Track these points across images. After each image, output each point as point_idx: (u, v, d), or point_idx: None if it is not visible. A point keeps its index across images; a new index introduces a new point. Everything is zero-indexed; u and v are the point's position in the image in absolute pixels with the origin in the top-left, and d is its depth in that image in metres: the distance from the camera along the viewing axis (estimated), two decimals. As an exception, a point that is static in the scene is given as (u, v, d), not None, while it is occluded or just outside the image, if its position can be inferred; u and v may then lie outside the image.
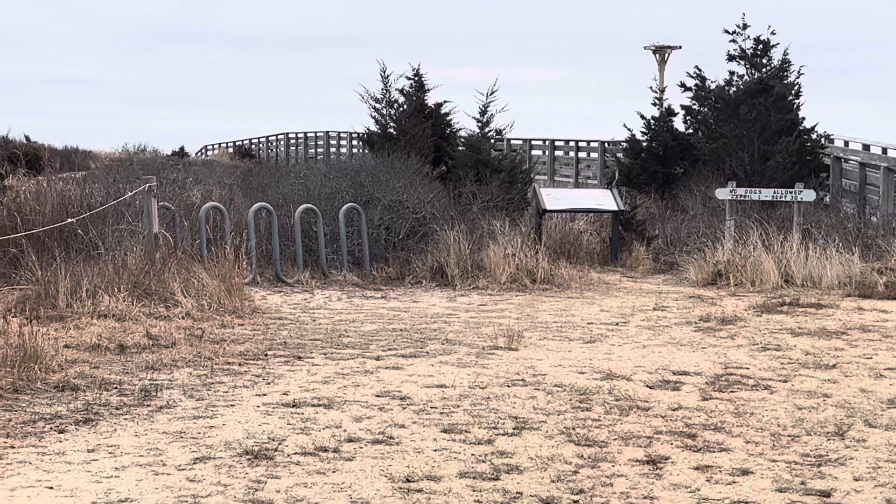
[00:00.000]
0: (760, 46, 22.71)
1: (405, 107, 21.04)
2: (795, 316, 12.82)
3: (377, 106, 20.06)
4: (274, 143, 59.80)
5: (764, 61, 22.74)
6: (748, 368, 9.75)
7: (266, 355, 10.05)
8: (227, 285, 12.36)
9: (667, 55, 43.36)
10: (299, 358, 9.94)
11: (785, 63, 22.92)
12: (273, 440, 7.09)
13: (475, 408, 8.10)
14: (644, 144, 24.27)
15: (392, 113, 20.14)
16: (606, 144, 32.72)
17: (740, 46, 22.77)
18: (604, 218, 18.73)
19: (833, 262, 15.59)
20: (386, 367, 9.57)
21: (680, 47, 44.52)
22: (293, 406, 8.05)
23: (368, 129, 20.50)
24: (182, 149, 54.75)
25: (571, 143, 37.35)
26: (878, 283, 15.00)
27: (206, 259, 13.63)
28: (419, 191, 16.06)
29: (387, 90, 20.02)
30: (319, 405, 8.09)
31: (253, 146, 62.74)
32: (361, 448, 6.96)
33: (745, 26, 22.77)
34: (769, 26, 23.39)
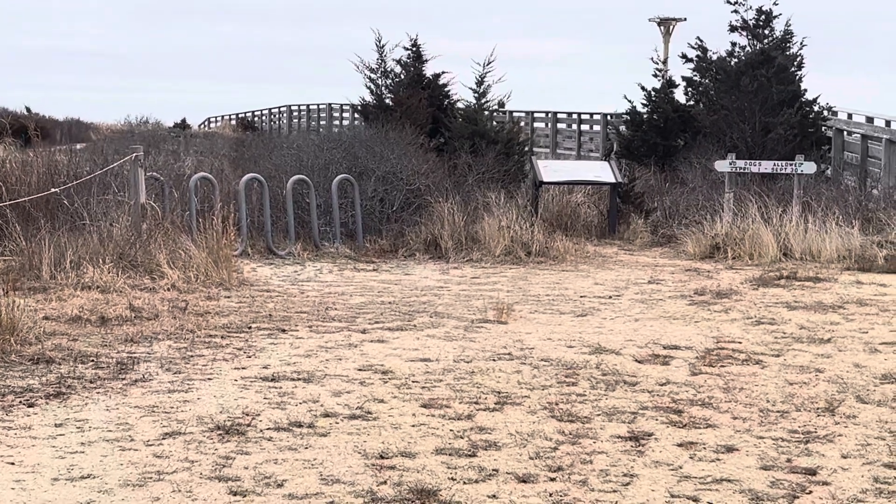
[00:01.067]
0: (763, 17, 22.42)
1: (402, 77, 20.80)
2: (792, 289, 12.62)
3: (372, 76, 19.83)
4: (277, 116, 59.55)
5: (766, 32, 22.45)
6: (740, 343, 9.56)
7: (250, 328, 9.86)
8: (214, 257, 12.16)
9: (671, 27, 43.02)
10: (283, 331, 9.76)
11: (787, 34, 22.63)
12: (247, 415, 6.92)
13: (458, 382, 7.91)
14: (645, 116, 24.02)
15: (388, 83, 19.91)
16: (609, 117, 32.48)
17: (742, 17, 22.50)
18: (602, 190, 18.53)
19: (832, 235, 15.37)
20: (371, 341, 9.38)
21: (685, 19, 44.18)
22: (272, 380, 7.87)
23: (363, 99, 20.28)
24: (184, 121, 54.51)
25: (574, 116, 37.14)
26: (877, 257, 14.79)
27: (194, 230, 13.44)
28: (413, 162, 15.84)
29: (382, 60, 19.78)
30: (299, 379, 7.91)
31: (256, 118, 62.51)
32: (337, 423, 6.78)
33: (747, -4, 22.51)
34: (771, -5, 23.06)
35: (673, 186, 19.91)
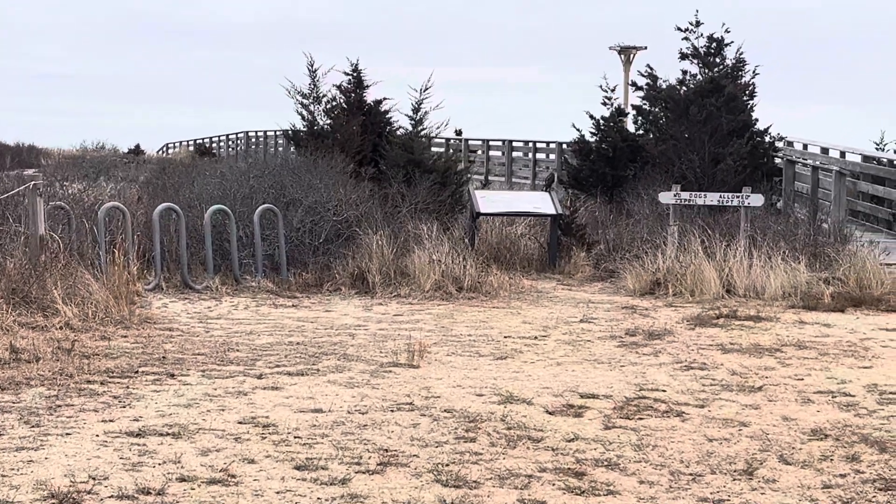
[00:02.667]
0: (714, 45, 21.86)
1: (340, 103, 20.08)
2: (730, 330, 11.96)
3: (304, 101, 19.08)
4: (234, 142, 58.77)
5: (717, 60, 21.88)
6: (664, 391, 8.87)
7: (136, 372, 9.11)
8: (114, 292, 11.40)
9: (632, 56, 42.57)
10: (172, 376, 9.01)
11: (739, 62, 22.07)
12: (93, 478, 6.15)
13: (345, 438, 7.18)
14: (593, 146, 23.37)
15: (320, 109, 19.19)
16: (564, 146, 31.88)
17: (693, 45, 21.91)
18: (544, 222, 17.86)
19: (778, 271, 14.75)
20: (265, 388, 8.64)
21: (645, 48, 43.75)
22: (137, 435, 7.11)
23: (293, 125, 19.54)
24: (137, 146, 53.61)
25: (530, 144, 36.56)
26: (824, 294, 14.16)
27: (103, 263, 12.69)
28: (341, 192, 15.11)
29: (314, 85, 19.05)
30: (168, 434, 7.16)
31: (213, 144, 61.68)
32: (192, 490, 6.03)
33: (698, 24, 21.92)
34: (723, 24, 22.53)
35: (619, 218, 19.25)
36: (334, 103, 19.32)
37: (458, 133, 44.50)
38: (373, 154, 19.35)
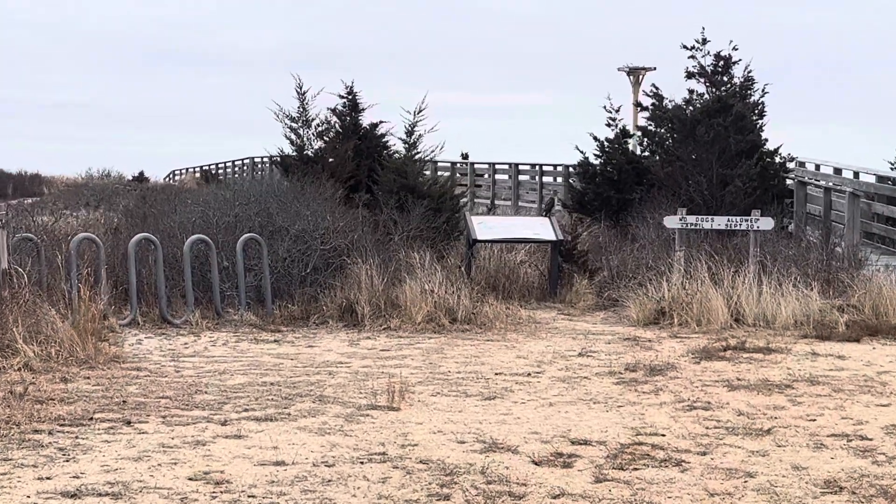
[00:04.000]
0: (721, 63, 21.13)
1: (335, 126, 19.40)
2: (738, 363, 11.21)
3: (293, 125, 18.37)
4: (239, 168, 58.15)
5: (725, 79, 21.15)
6: (663, 435, 8.12)
7: (91, 419, 8.40)
8: (80, 330, 10.70)
9: (641, 77, 41.88)
10: (129, 423, 8.29)
11: (748, 81, 21.33)
12: (8, 552, 5.44)
13: (304, 497, 6.46)
14: (598, 168, 22.63)
15: (310, 133, 18.49)
16: (571, 168, 31.14)
17: (699, 63, 21.19)
18: (545, 248, 17.13)
19: (789, 298, 13.99)
20: (227, 436, 7.92)
21: (654, 69, 43.07)
22: (72, 496, 6.40)
23: (282, 150, 18.82)
24: (141, 174, 53.03)
25: (536, 168, 35.84)
26: (838, 323, 13.40)
27: (75, 298, 11.98)
28: (328, 219, 14.40)
29: (303, 108, 18.33)
30: (107, 495, 6.44)
31: (220, 170, 61.07)
32: (118, 564, 5.31)
33: (704, 41, 21.20)
34: (731, 41, 21.79)
35: (624, 243, 18.51)
36: (325, 126, 18.61)
37: (465, 157, 43.82)
38: (368, 179, 18.64)
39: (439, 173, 41.49)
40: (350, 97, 19.89)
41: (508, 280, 16.33)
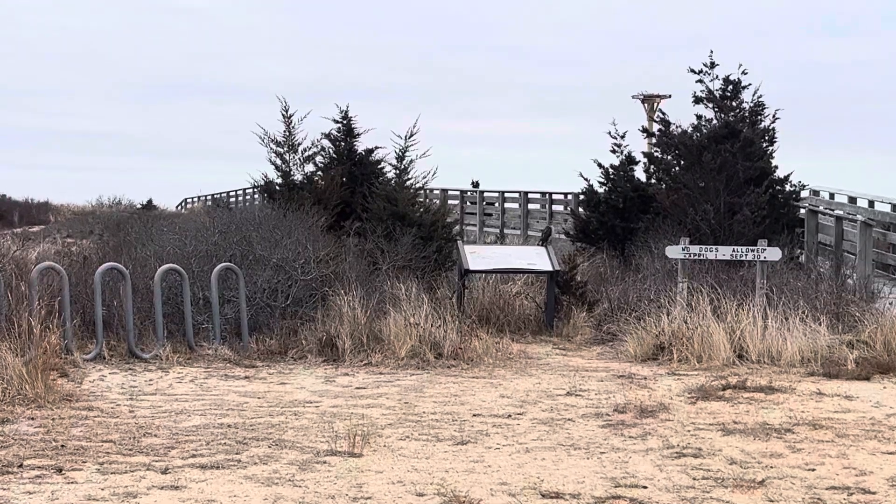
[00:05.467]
0: (730, 87, 20.39)
1: (330, 152, 18.73)
2: (737, 404, 10.43)
3: (279, 150, 17.67)
4: (250, 195, 57.59)
5: (734, 104, 20.41)
6: (645, 487, 7.37)
7: (21, 466, 7.70)
8: (30, 367, 10.00)
9: (656, 104, 41.22)
10: (60, 471, 7.59)
11: (758, 106, 20.57)
12: None
13: (228, 561, 5.72)
14: (602, 196, 21.89)
15: (297, 158, 17.81)
16: (581, 197, 30.43)
17: (707, 87, 20.44)
18: (543, 279, 16.39)
19: (796, 333, 13.20)
20: (163, 487, 7.20)
21: (669, 96, 42.41)
22: (-35, 560, 5.68)
23: (266, 175, 18.16)
24: (150, 201, 52.47)
25: (546, 196, 35.14)
26: (847, 360, 12.61)
27: (35, 333, 11.29)
28: (309, 249, 13.70)
29: (289, 132, 17.64)
30: (5, 558, 5.72)
31: (231, 198, 60.53)
32: None
33: (713, 65, 20.45)
34: (740, 65, 21.06)
35: (627, 273, 17.77)
36: (313, 151, 17.93)
37: (476, 185, 43.17)
38: (361, 207, 17.95)
39: (449, 202, 41.24)
40: (345, 122, 19.23)
41: (503, 312, 15.61)
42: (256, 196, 55.23)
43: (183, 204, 68.59)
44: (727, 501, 7.05)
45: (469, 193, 41.02)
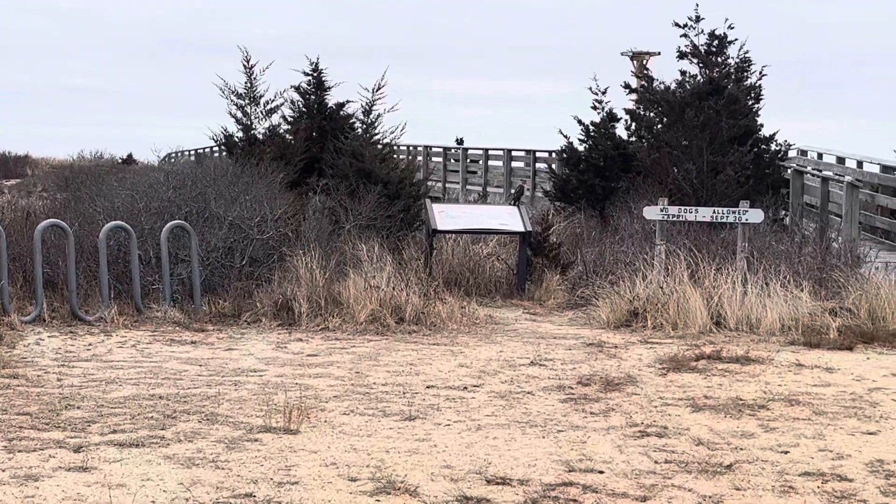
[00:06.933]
0: (715, 42, 19.63)
1: (299, 105, 17.99)
2: (710, 376, 9.80)
3: (239, 102, 16.88)
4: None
5: (719, 60, 19.67)
6: (601, 472, 6.73)
7: (-80, 443, 7.03)
8: (-48, 331, 9.34)
9: (645, 61, 40.40)
10: (-38, 448, 6.93)
11: (744, 62, 19.82)
12: None
13: (120, 560, 5.08)
14: (582, 154, 21.16)
15: (259, 111, 17.04)
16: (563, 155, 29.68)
17: (692, 42, 19.69)
18: (516, 240, 15.71)
19: (776, 299, 12.56)
20: (70, 468, 6.56)
21: (659, 53, 41.71)
22: None
23: (225, 129, 17.38)
24: (130, 156, 51.67)
25: (530, 154, 34.40)
26: (829, 329, 11.97)
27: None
28: (266, 207, 13.00)
29: (251, 83, 16.87)
30: None
31: (214, 152, 59.63)
32: None
33: (698, 19, 19.68)
34: (726, 19, 20.31)
35: (605, 235, 17.09)
36: (277, 103, 17.16)
37: (460, 142, 42.47)
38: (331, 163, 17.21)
39: (433, 159, 40.50)
40: (315, 74, 18.47)
41: (473, 275, 14.95)
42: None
43: (167, 159, 67.64)
44: (689, 489, 6.42)
45: (453, 151, 40.30)
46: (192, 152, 63.76)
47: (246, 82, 16.84)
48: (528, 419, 8.13)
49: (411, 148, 40.89)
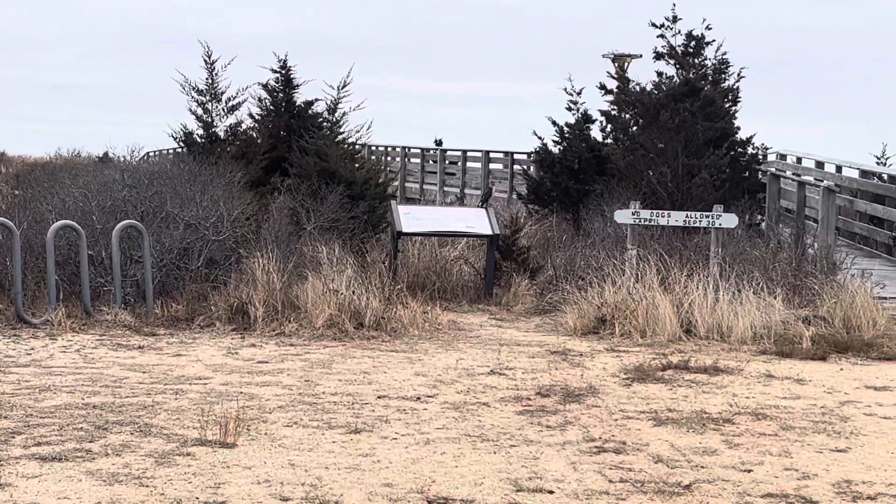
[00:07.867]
0: (692, 43, 19.24)
1: (266, 103, 17.56)
2: (676, 387, 9.40)
3: (200, 99, 16.40)
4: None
5: (696, 61, 19.28)
6: (551, 492, 6.32)
7: None
8: None
9: (626, 64, 39.93)
10: None
11: (722, 63, 19.44)
12: None
13: (14, 591, 4.64)
14: (556, 156, 20.74)
15: (220, 108, 16.57)
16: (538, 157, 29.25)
17: (669, 42, 19.29)
18: (484, 243, 15.31)
19: (748, 307, 12.17)
20: (-17, 485, 6.11)
21: (640, 56, 41.24)
22: None
23: (185, 126, 16.91)
24: (106, 154, 51.08)
25: (508, 156, 33.99)
26: (802, 338, 11.59)
27: None
28: (222, 207, 12.55)
29: (212, 79, 16.41)
30: None
31: (193, 151, 59.15)
32: None
33: (675, 19, 19.28)
34: (704, 20, 19.90)
35: (577, 239, 16.69)
36: (239, 100, 16.70)
37: (438, 143, 42.04)
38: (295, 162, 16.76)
39: (411, 160, 40.08)
40: (283, 71, 18.02)
41: (439, 278, 14.54)
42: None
43: (146, 157, 67.06)
44: (643, 512, 6.02)
45: (431, 152, 39.87)
46: (172, 151, 63.46)
47: (207, 78, 16.41)
48: (481, 433, 7.71)
49: (388, 148, 40.47)
